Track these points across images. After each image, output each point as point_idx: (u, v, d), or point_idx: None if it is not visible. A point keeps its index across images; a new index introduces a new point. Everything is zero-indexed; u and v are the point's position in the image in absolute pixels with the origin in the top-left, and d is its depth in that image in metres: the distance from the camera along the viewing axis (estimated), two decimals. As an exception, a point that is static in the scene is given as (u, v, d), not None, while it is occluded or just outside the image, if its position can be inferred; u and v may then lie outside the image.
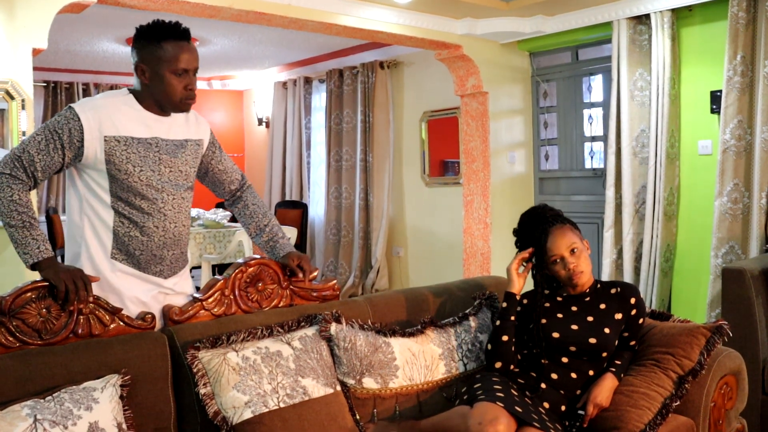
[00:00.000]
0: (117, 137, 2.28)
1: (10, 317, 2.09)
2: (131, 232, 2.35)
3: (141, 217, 2.35)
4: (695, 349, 2.69)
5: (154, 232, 2.38)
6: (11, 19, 3.63)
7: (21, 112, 3.70)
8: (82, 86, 8.70)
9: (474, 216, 6.21)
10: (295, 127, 8.67)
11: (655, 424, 2.52)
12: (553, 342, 2.60)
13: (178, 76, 2.32)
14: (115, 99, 2.36)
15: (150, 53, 2.31)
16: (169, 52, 2.30)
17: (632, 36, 5.24)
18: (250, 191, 2.78)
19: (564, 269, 2.64)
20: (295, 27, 5.08)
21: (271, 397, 2.24)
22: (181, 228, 2.46)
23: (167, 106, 2.38)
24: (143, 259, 2.38)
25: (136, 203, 2.33)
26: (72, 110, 2.26)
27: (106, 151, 2.27)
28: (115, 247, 2.35)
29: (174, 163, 2.41)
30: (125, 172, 2.30)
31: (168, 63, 2.30)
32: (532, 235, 2.69)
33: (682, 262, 5.25)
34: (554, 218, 2.69)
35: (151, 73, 2.32)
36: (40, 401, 1.93)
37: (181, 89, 2.34)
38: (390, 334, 2.67)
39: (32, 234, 2.18)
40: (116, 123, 2.29)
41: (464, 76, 6.11)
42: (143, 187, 2.33)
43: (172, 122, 2.43)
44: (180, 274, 2.52)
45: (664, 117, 5.06)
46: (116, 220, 2.34)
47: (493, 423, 2.26)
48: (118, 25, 6.32)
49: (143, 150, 2.33)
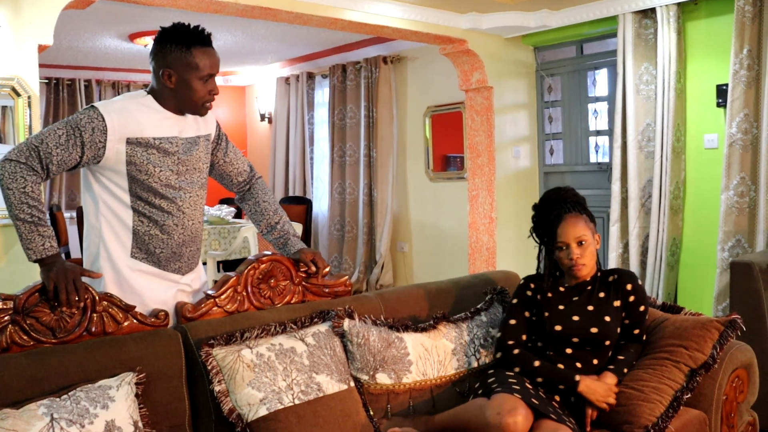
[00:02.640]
0: (139, 139, 2.30)
1: (23, 316, 2.09)
2: (152, 230, 2.36)
3: (161, 216, 2.36)
4: (708, 343, 2.69)
5: (174, 230, 2.40)
6: (17, 16, 3.62)
7: (27, 110, 3.69)
8: (84, 83, 8.68)
9: (479, 211, 6.20)
10: (297, 122, 8.66)
11: (666, 418, 2.52)
12: (555, 335, 2.61)
13: (204, 82, 2.36)
14: (135, 101, 2.37)
15: (179, 59, 2.32)
16: (198, 59, 2.33)
17: (638, 30, 5.22)
18: (260, 185, 2.77)
19: (567, 258, 2.65)
20: (300, 22, 5.06)
21: (286, 394, 2.24)
22: (197, 225, 2.49)
23: (188, 110, 2.41)
24: (163, 257, 2.40)
25: (156, 202, 2.35)
26: (96, 110, 2.26)
27: (128, 153, 2.28)
28: (135, 246, 2.36)
29: (190, 162, 2.44)
30: (146, 173, 2.31)
31: (197, 70, 2.33)
32: (548, 216, 2.69)
33: (688, 256, 5.24)
34: (573, 205, 2.68)
35: (179, 79, 2.34)
36: (56, 400, 1.92)
37: (205, 93, 2.38)
38: (403, 330, 2.67)
39: (39, 230, 2.17)
40: (138, 125, 2.30)
41: (469, 71, 6.09)
42: (163, 187, 2.35)
43: (186, 121, 2.46)
44: (196, 269, 2.55)
45: (670, 111, 5.04)
46: (136, 220, 2.35)
47: (512, 413, 2.26)
48: (121, 21, 6.30)
49: (163, 150, 2.35)
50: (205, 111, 2.43)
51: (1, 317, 2.05)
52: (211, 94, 2.40)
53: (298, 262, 2.66)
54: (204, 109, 2.42)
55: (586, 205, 2.74)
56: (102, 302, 2.23)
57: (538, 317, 2.67)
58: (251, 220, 2.81)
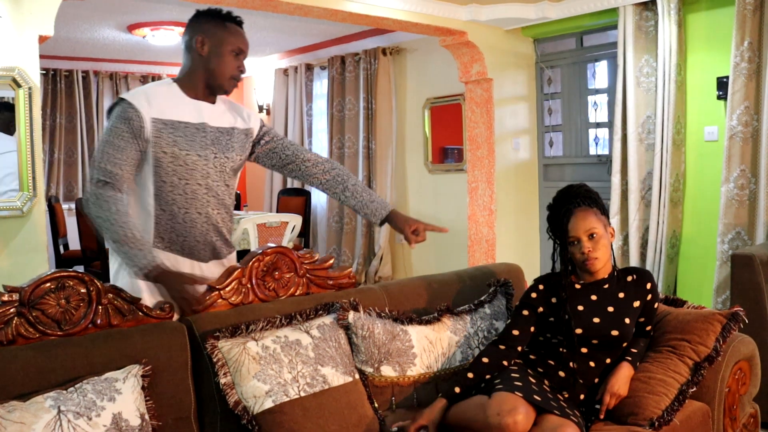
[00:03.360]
0: (164, 120, 2.33)
1: (29, 308, 2.08)
2: (174, 219, 2.37)
3: (185, 203, 2.37)
4: (711, 336, 2.70)
5: (197, 218, 2.40)
6: (18, 6, 3.59)
7: (27, 101, 3.67)
8: (81, 74, 8.66)
9: (479, 203, 6.20)
10: (296, 114, 8.64)
11: (672, 410, 2.53)
12: (575, 338, 2.57)
13: (235, 56, 2.43)
14: (160, 87, 2.42)
15: (213, 28, 2.42)
16: (231, 31, 2.44)
17: (638, 22, 5.22)
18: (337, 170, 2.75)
19: (579, 252, 2.62)
20: (300, 13, 5.05)
21: (292, 386, 2.24)
22: (224, 214, 2.50)
23: (215, 84, 2.45)
24: (186, 246, 2.41)
25: (181, 187, 2.36)
26: (124, 100, 2.31)
27: (153, 134, 2.31)
28: (156, 235, 2.37)
29: (219, 149, 2.45)
30: (171, 155, 2.33)
31: (228, 41, 2.42)
32: (558, 213, 2.67)
33: (688, 249, 5.25)
34: (584, 199, 2.64)
35: (210, 47, 2.41)
36: (62, 392, 1.92)
37: (234, 68, 2.44)
38: (407, 322, 2.67)
39: (137, 245, 2.23)
40: (163, 107, 2.34)
41: (469, 63, 6.08)
42: (189, 171, 2.36)
43: (218, 110, 2.49)
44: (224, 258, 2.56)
45: (671, 103, 5.04)
46: (158, 208, 2.36)
47: (512, 413, 2.25)
48: (120, 12, 6.27)
49: (190, 134, 2.37)
50: (231, 87, 2.48)
51: (7, 309, 2.04)
52: (239, 70, 2.46)
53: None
54: (231, 84, 2.46)
55: (598, 199, 2.69)
56: (107, 294, 2.22)
57: (556, 317, 2.64)
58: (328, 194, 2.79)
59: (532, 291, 2.71)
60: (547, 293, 2.68)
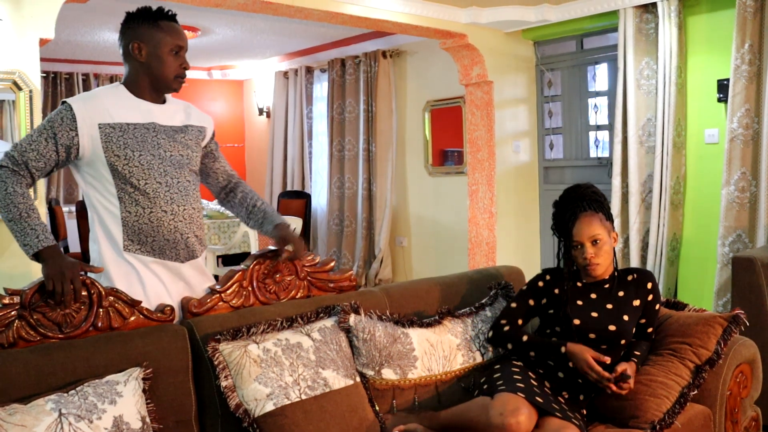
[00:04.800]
0: (112, 124, 2.30)
1: (30, 311, 2.08)
2: (140, 219, 2.34)
3: (147, 203, 2.34)
4: (712, 339, 2.70)
5: (163, 217, 2.37)
6: (18, 9, 3.60)
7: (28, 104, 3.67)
8: (82, 76, 8.65)
9: (479, 205, 6.20)
10: (296, 116, 8.64)
11: (673, 413, 2.54)
12: (572, 329, 2.60)
13: (175, 54, 2.40)
14: (107, 90, 2.40)
15: (146, 32, 2.37)
16: (166, 30, 2.39)
17: (639, 25, 5.22)
18: (240, 184, 2.74)
19: (581, 257, 2.64)
20: (300, 16, 5.05)
21: (293, 389, 2.24)
22: (191, 210, 2.44)
23: (161, 85, 2.42)
24: (156, 246, 2.37)
25: (141, 188, 2.32)
26: (65, 103, 2.30)
27: (102, 139, 2.28)
28: (126, 238, 2.34)
29: (174, 147, 2.42)
30: (125, 158, 2.30)
31: (165, 41, 2.38)
32: (564, 214, 2.68)
33: (689, 251, 5.25)
34: (590, 203, 2.65)
35: (148, 51, 2.37)
36: (63, 395, 1.92)
37: (177, 67, 2.41)
38: (408, 325, 2.67)
39: (30, 224, 2.16)
40: (110, 111, 2.31)
41: (469, 66, 6.08)
42: (145, 171, 2.33)
43: (169, 109, 2.47)
44: (198, 258, 2.51)
45: (671, 106, 5.04)
46: (123, 210, 2.33)
47: (515, 413, 2.26)
48: (119, 14, 6.18)
49: (140, 135, 2.34)
50: (178, 86, 2.44)
51: (8, 312, 2.04)
52: (182, 68, 2.42)
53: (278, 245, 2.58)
54: (177, 83, 2.43)
55: (604, 203, 2.71)
56: (108, 297, 2.22)
57: (555, 311, 2.67)
58: (235, 214, 2.77)
59: (539, 280, 2.76)
60: (552, 285, 2.72)
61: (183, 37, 2.43)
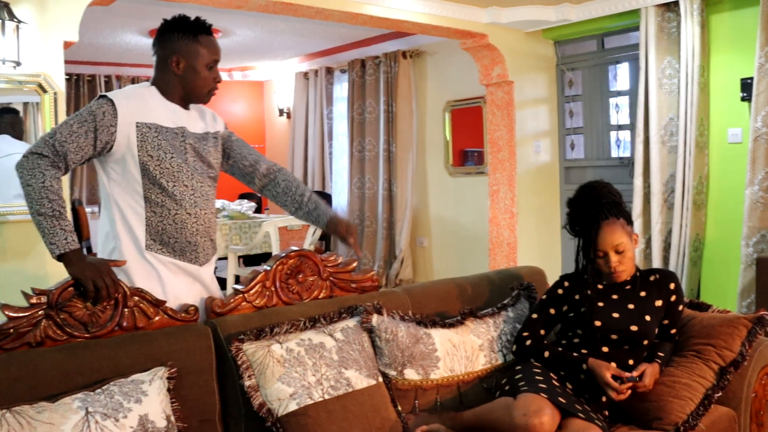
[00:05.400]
0: (148, 124, 2.32)
1: (57, 311, 2.10)
2: (165, 220, 2.36)
3: (173, 205, 2.36)
4: (737, 340, 2.67)
5: (187, 219, 2.39)
6: (43, 13, 3.64)
7: (53, 106, 3.71)
8: (104, 78, 8.73)
9: (500, 206, 6.19)
10: (316, 117, 8.67)
11: (697, 415, 2.51)
12: (594, 330, 2.58)
13: (210, 69, 2.43)
14: (142, 90, 2.42)
15: (186, 46, 2.39)
16: (204, 45, 2.41)
17: (660, 24, 5.18)
18: (283, 171, 2.77)
19: (606, 266, 2.62)
20: (321, 17, 5.07)
21: (316, 389, 2.25)
22: (210, 215, 2.49)
23: (193, 97, 2.46)
24: (178, 247, 2.39)
25: (169, 190, 2.35)
26: (105, 97, 2.31)
27: (139, 138, 2.30)
28: (149, 238, 2.36)
29: (198, 153, 2.46)
30: (157, 159, 2.33)
31: (204, 57, 2.41)
32: (584, 220, 2.66)
33: (712, 252, 5.21)
34: (609, 209, 2.62)
35: (187, 65, 2.39)
36: (90, 394, 1.94)
37: (211, 81, 2.45)
38: (430, 325, 2.67)
39: (60, 224, 2.16)
40: (147, 111, 2.34)
41: (489, 66, 6.08)
42: (174, 173, 2.36)
43: (192, 116, 2.50)
44: (212, 261, 2.54)
45: (693, 105, 5.01)
46: (149, 210, 2.35)
47: (538, 414, 2.26)
48: (141, 16, 6.33)
49: (171, 138, 2.37)
50: (209, 99, 2.48)
51: (36, 312, 2.06)
52: (215, 81, 2.46)
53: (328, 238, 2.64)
54: (209, 97, 2.47)
55: (622, 204, 2.68)
56: (133, 297, 2.24)
57: (576, 313, 2.66)
58: (279, 204, 2.79)
59: (558, 287, 2.74)
60: (571, 290, 2.71)
61: (218, 50, 2.46)
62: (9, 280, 3.51)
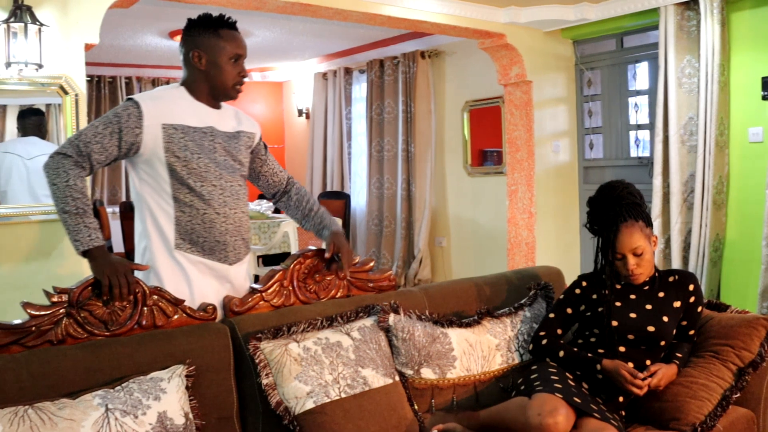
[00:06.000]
0: (175, 125, 2.35)
1: (78, 309, 2.14)
2: (194, 219, 2.39)
3: (202, 204, 2.39)
4: (755, 341, 2.66)
5: (216, 218, 2.42)
6: (64, 15, 3.68)
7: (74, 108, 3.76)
8: (125, 80, 8.80)
9: (518, 206, 6.18)
10: (335, 117, 8.69)
11: (715, 416, 2.50)
12: (611, 330, 2.58)
13: (234, 63, 2.44)
14: (170, 91, 2.45)
15: (207, 40, 2.41)
16: (226, 39, 2.42)
17: (680, 22, 5.15)
18: (297, 186, 2.83)
19: (624, 268, 2.62)
20: (339, 18, 5.08)
21: (333, 388, 2.26)
22: (240, 214, 2.51)
23: (219, 93, 2.47)
24: (207, 246, 2.42)
25: (197, 190, 2.38)
26: (131, 99, 2.34)
27: (164, 139, 2.33)
28: (178, 237, 2.39)
29: (228, 152, 2.48)
30: (184, 160, 2.35)
31: (225, 50, 2.42)
32: (603, 222, 2.65)
33: (732, 252, 5.16)
34: (629, 211, 2.61)
35: (208, 60, 2.42)
36: (110, 391, 1.97)
37: (235, 75, 2.45)
38: (447, 325, 2.68)
39: (85, 221, 2.20)
40: (174, 112, 2.37)
41: (508, 65, 6.07)
42: (202, 174, 2.38)
43: (223, 115, 2.52)
44: (244, 261, 2.56)
45: (713, 104, 4.97)
46: (178, 209, 2.38)
47: (553, 414, 2.26)
48: (162, 18, 6.38)
49: (199, 138, 2.39)
50: (236, 93, 2.49)
51: (57, 310, 2.10)
52: (241, 76, 2.47)
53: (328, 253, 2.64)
54: (235, 92, 2.48)
55: (642, 206, 2.67)
56: (152, 296, 2.27)
57: (594, 313, 2.65)
58: (289, 216, 2.84)
59: (576, 287, 2.74)
60: (589, 290, 2.71)
61: (242, 44, 2.46)
62: (32, 280, 3.56)
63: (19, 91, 3.68)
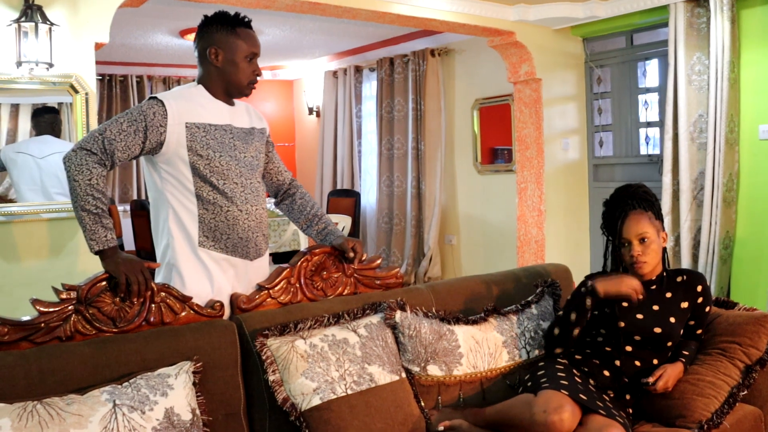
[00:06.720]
0: (197, 124, 2.38)
1: (86, 306, 2.16)
2: (217, 217, 2.42)
3: (225, 202, 2.42)
4: (763, 338, 2.66)
5: (239, 216, 2.45)
6: (74, 14, 3.71)
7: (84, 107, 3.78)
8: (135, 79, 8.84)
9: (528, 203, 6.17)
10: (345, 115, 8.70)
11: (721, 413, 2.50)
12: (617, 331, 2.58)
13: (249, 61, 2.47)
14: (190, 90, 2.47)
15: (224, 38, 2.44)
16: (242, 37, 2.45)
17: (690, 19, 5.13)
18: (300, 189, 2.84)
19: (628, 254, 2.63)
20: (348, 16, 5.09)
21: (339, 384, 2.28)
22: (261, 211, 2.54)
23: (234, 90, 2.50)
24: (230, 243, 2.45)
25: (219, 188, 2.41)
26: (155, 98, 2.36)
27: (188, 138, 2.36)
28: (202, 234, 2.42)
29: (246, 149, 2.51)
30: (206, 158, 2.38)
31: (242, 48, 2.45)
32: (614, 212, 2.67)
33: (742, 250, 5.14)
34: (640, 202, 2.64)
35: (225, 57, 2.44)
36: (117, 387, 1.99)
37: (250, 73, 2.48)
38: (454, 322, 2.69)
39: (102, 222, 2.24)
40: (196, 111, 2.39)
41: (517, 63, 6.06)
42: (224, 172, 2.41)
43: (237, 111, 2.55)
44: (264, 256, 2.59)
45: (723, 101, 4.95)
46: (201, 207, 2.41)
47: (558, 411, 2.26)
48: (172, 17, 6.40)
49: (219, 136, 2.42)
50: (250, 91, 2.52)
51: (66, 307, 2.12)
52: (255, 74, 2.50)
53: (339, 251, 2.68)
54: (249, 89, 2.51)
55: (655, 202, 2.69)
56: (160, 293, 2.29)
57: (601, 313, 2.65)
58: (290, 219, 2.86)
59: (582, 287, 2.72)
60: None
61: (257, 43, 2.50)
62: (42, 277, 3.59)
63: (30, 90, 3.71)
